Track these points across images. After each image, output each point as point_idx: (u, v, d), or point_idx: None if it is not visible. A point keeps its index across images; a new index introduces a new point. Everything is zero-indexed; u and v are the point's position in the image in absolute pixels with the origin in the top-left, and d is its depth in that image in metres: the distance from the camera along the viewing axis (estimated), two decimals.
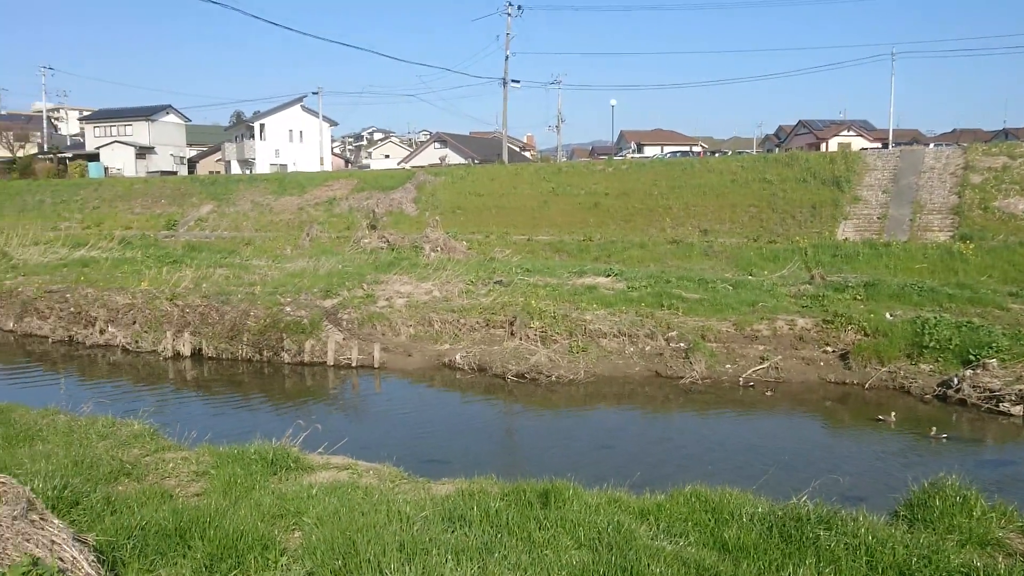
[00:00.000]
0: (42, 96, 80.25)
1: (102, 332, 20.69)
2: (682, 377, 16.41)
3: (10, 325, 22.73)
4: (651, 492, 6.49)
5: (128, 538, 4.84)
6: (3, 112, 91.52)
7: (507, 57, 56.65)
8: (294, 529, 5.38)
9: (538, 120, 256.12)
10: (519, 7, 57.03)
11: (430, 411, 15.24)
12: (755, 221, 34.20)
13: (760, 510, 5.79)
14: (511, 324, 18.62)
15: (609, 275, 23.04)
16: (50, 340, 21.20)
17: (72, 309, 21.78)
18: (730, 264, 28.58)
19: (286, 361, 18.34)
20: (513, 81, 57.78)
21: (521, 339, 18.16)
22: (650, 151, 79.61)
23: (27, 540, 3.72)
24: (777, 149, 70.95)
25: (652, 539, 5.25)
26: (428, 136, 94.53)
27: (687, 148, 75.81)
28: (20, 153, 67.81)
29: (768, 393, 15.52)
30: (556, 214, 38.36)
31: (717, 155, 56.80)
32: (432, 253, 28.69)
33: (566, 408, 15.26)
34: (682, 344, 17.25)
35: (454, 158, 68.54)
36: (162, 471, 6.74)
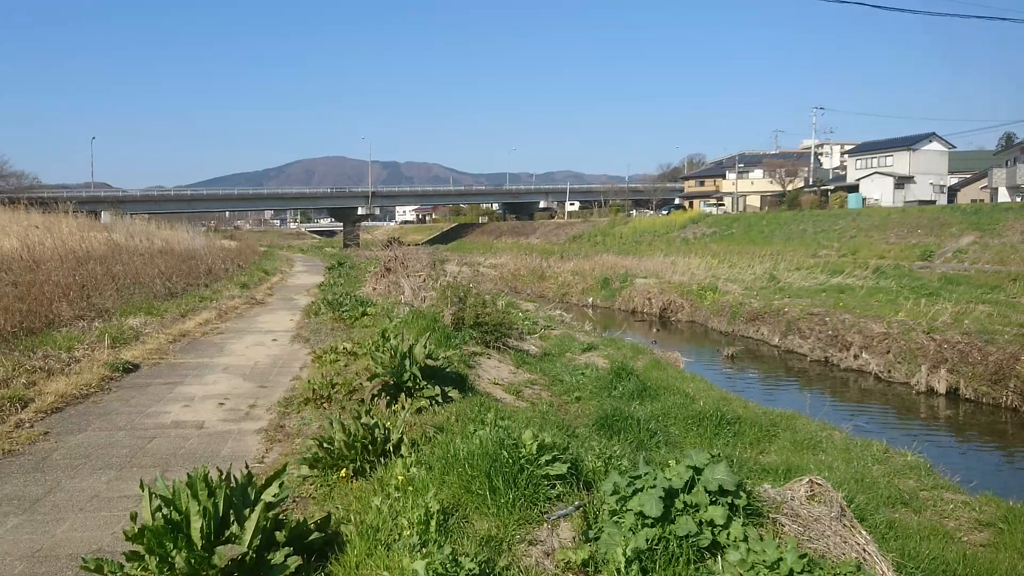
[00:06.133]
0: (811, 134, 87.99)
1: (856, 357, 21.44)
2: None
3: (775, 340, 25.52)
4: None
5: (917, 568, 4.91)
6: (776, 151, 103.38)
7: None
8: None
9: None
10: None
11: None
12: None
13: None
14: None
15: None
16: (808, 359, 23.00)
17: (830, 332, 23.18)
18: None
19: None
20: None
21: None
22: None
23: (844, 541, 4.13)
24: None
25: None
26: None
27: None
28: (789, 187, 75.58)
29: None
30: None
31: None
32: None
33: None
34: None
35: None
36: (940, 510, 6.62)
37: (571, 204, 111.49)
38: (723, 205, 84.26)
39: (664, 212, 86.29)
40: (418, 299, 14.84)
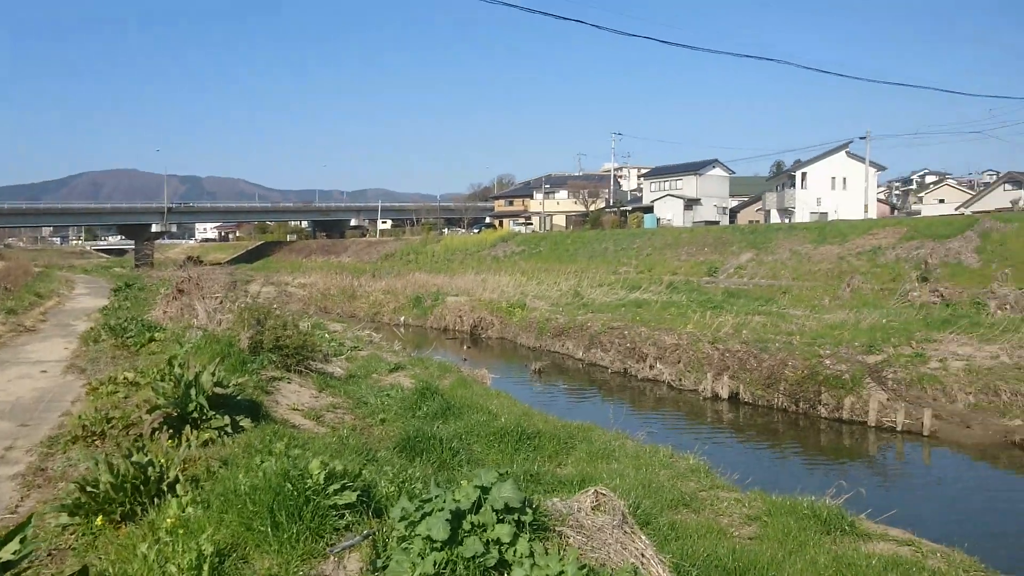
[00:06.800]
0: (611, 158, 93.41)
1: (651, 368, 22.87)
2: None
3: (580, 354, 26.65)
4: None
5: (692, 566, 5.24)
6: (580, 173, 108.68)
7: None
8: None
9: None
10: None
11: (996, 497, 13.09)
12: None
13: None
14: None
15: None
16: (609, 370, 24.22)
17: (628, 345, 24.56)
18: None
19: (822, 415, 17.77)
20: None
21: None
22: None
23: (624, 548, 4.32)
24: None
25: None
26: (995, 177, 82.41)
27: None
28: (592, 207, 79.57)
29: None
30: None
31: None
32: (999, 311, 24.83)
33: None
34: None
35: None
36: (716, 508, 7.13)
37: (383, 222, 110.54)
38: (531, 224, 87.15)
39: (475, 231, 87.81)
40: (213, 322, 13.98)
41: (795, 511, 6.85)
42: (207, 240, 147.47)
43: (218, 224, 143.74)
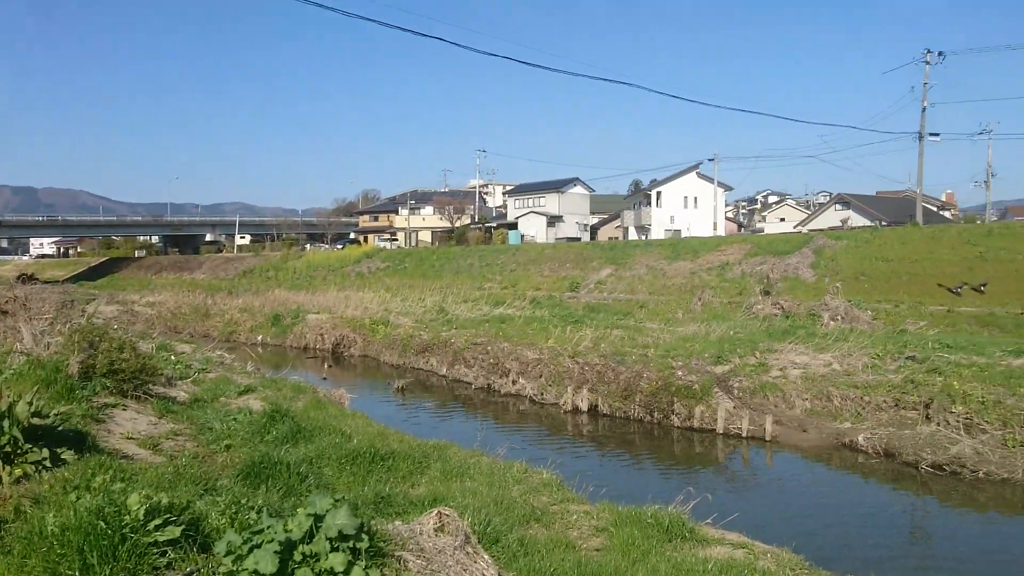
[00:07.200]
0: (476, 174, 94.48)
1: (514, 383, 23.09)
2: None
3: (444, 371, 26.54)
4: None
5: None
6: (446, 189, 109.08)
7: (924, 109, 51.38)
8: None
9: (959, 177, 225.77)
10: (940, 54, 51.44)
11: (827, 495, 14.08)
12: None
13: None
14: (927, 406, 16.52)
15: None
16: (473, 386, 24.24)
17: (491, 361, 24.69)
18: None
19: (675, 425, 18.51)
20: (931, 135, 52.00)
21: (939, 424, 15.99)
22: None
23: (464, 570, 4.26)
24: None
25: None
26: (828, 197, 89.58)
27: None
28: (457, 224, 79.91)
29: None
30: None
31: None
32: (831, 322, 26.86)
33: (998, 512, 12.94)
34: None
35: (857, 220, 63.80)
36: (567, 521, 7.22)
37: (242, 237, 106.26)
38: (397, 240, 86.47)
39: (339, 246, 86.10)
40: (40, 346, 12.85)
41: (640, 520, 7.06)
42: (44, 256, 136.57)
43: (57, 239, 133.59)
